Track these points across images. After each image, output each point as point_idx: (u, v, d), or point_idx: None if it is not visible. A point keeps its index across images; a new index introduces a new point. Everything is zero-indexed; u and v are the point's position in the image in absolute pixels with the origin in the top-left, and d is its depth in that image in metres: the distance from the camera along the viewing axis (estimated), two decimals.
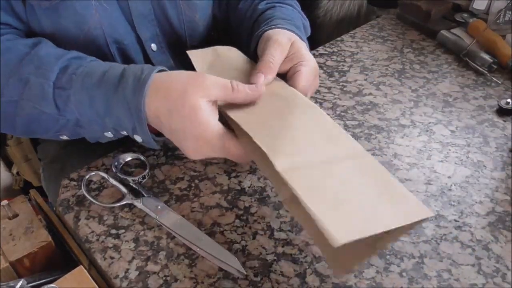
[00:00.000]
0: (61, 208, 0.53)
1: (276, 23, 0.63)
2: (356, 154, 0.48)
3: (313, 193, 0.42)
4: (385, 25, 0.89)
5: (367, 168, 0.47)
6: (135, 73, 0.50)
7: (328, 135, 0.50)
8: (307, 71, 0.57)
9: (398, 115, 0.66)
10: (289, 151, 0.46)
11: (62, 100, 0.50)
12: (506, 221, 0.52)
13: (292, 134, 0.49)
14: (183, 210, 0.52)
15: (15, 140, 1.03)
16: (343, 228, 0.39)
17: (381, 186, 0.45)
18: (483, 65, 0.75)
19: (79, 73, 0.51)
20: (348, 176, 0.45)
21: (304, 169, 0.45)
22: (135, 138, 0.52)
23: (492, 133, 0.63)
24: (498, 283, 0.45)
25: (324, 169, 0.46)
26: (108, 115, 0.50)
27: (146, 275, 0.46)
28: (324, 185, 0.44)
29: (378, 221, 0.41)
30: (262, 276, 0.46)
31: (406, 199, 0.44)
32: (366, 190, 0.44)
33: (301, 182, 0.43)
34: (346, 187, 0.44)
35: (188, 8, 0.68)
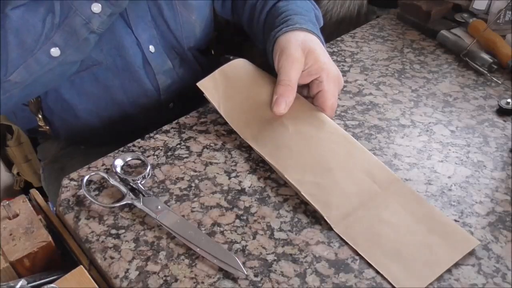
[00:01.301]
0: (61, 208, 0.53)
1: (293, 22, 0.61)
2: (396, 187, 0.53)
3: (374, 249, 0.47)
4: (385, 25, 0.89)
5: (410, 200, 0.51)
6: None
7: (366, 169, 0.54)
8: (330, 87, 0.57)
9: (398, 115, 0.66)
10: (339, 203, 0.51)
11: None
12: (506, 221, 0.51)
13: (336, 179, 0.53)
14: (183, 210, 0.52)
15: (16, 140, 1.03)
16: (411, 282, 0.44)
17: (428, 220, 0.49)
18: (483, 65, 0.75)
19: None
20: (397, 217, 0.50)
21: (357, 221, 0.50)
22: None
23: (492, 133, 0.63)
24: (498, 283, 0.45)
25: (374, 215, 0.50)
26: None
27: (146, 275, 0.46)
28: (379, 234, 0.49)
29: (439, 262, 0.46)
30: (262, 276, 0.46)
31: (453, 229, 0.49)
32: (417, 228, 0.49)
33: (359, 236, 0.48)
34: (400, 231, 0.49)
35: (184, 8, 0.68)
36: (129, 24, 0.63)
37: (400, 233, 0.49)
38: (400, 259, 0.46)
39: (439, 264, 0.46)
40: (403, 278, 0.45)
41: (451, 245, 0.47)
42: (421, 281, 0.44)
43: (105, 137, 0.74)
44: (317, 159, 0.55)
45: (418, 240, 0.48)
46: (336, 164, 0.54)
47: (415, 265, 0.46)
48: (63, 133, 0.78)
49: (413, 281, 0.45)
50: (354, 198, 0.51)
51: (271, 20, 0.65)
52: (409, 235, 0.48)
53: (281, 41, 0.59)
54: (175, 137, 0.62)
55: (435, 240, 0.48)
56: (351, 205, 0.51)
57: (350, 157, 0.55)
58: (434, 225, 0.49)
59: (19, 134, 1.03)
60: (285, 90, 0.56)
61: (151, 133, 0.63)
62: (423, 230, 0.49)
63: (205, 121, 0.65)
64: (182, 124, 0.64)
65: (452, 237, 0.48)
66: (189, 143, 0.61)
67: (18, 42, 0.52)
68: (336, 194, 0.52)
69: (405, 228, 0.49)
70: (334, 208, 0.50)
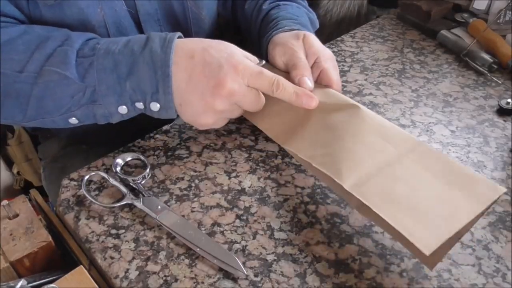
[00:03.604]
0: (61, 208, 0.53)
1: (282, 25, 0.63)
2: (411, 145, 0.50)
3: (388, 205, 0.44)
4: (385, 25, 0.89)
5: (427, 157, 0.48)
6: (160, 35, 0.51)
7: (379, 132, 0.52)
8: (330, 65, 0.59)
9: (398, 115, 0.66)
10: (352, 166, 0.49)
11: (83, 67, 0.50)
12: (506, 221, 0.52)
13: (347, 145, 0.51)
14: (183, 210, 0.52)
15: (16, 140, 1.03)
16: (429, 237, 0.41)
17: (447, 173, 0.46)
18: (483, 65, 0.75)
19: (102, 42, 0.51)
20: (412, 174, 0.47)
21: (371, 181, 0.47)
22: (152, 107, 0.51)
23: (492, 133, 0.63)
24: (498, 283, 0.45)
25: (389, 174, 0.47)
26: (130, 78, 0.50)
27: (146, 275, 0.46)
28: (394, 191, 0.46)
29: (458, 215, 0.42)
30: (262, 276, 0.46)
31: (474, 180, 0.45)
32: (435, 183, 0.46)
33: (374, 196, 0.45)
34: (416, 187, 0.46)
35: (195, 5, 0.68)
36: (137, 21, 0.63)
37: (417, 189, 0.46)
38: (418, 215, 0.43)
39: (459, 218, 0.42)
40: (421, 234, 0.41)
41: (473, 196, 0.44)
42: (439, 235, 0.41)
43: (106, 137, 0.74)
44: (328, 131, 0.53)
45: (436, 195, 0.45)
46: (348, 132, 0.52)
47: (433, 220, 0.43)
48: (64, 131, 0.78)
49: (431, 235, 0.41)
50: (367, 160, 0.49)
51: (264, 28, 0.67)
52: (426, 190, 0.46)
53: (274, 41, 0.61)
54: (175, 137, 0.62)
55: (455, 192, 0.45)
56: (364, 167, 0.49)
57: (362, 123, 0.53)
58: (454, 178, 0.46)
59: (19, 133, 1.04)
60: (304, 70, 0.57)
61: (151, 133, 0.63)
62: (442, 185, 0.46)
63: None
64: (182, 124, 0.64)
65: (474, 188, 0.45)
66: (189, 143, 0.61)
67: (39, 105, 0.51)
68: (349, 159, 0.50)
69: (422, 184, 0.46)
70: (346, 171, 0.48)
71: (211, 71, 0.50)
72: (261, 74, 0.51)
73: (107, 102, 0.51)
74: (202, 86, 0.50)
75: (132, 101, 0.51)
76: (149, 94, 0.50)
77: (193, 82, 0.50)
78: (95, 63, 0.49)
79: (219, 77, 0.49)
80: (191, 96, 0.50)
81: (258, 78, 0.51)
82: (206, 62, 0.50)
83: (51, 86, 0.50)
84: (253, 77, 0.51)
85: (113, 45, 0.51)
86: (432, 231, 0.42)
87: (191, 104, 0.51)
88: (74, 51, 0.50)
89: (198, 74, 0.50)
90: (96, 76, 0.49)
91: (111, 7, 0.59)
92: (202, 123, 0.52)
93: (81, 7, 0.57)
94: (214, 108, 0.50)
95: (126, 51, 0.50)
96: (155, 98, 0.50)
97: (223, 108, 0.51)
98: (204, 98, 0.50)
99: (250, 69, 0.51)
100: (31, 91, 0.50)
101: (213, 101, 0.50)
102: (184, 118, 0.53)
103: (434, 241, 0.40)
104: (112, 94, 0.50)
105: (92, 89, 0.50)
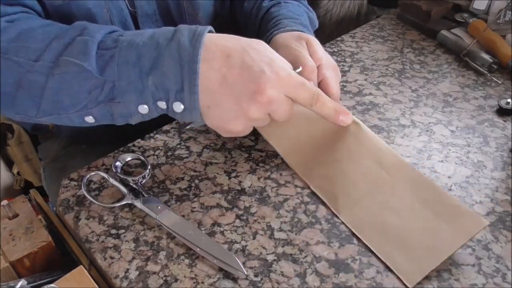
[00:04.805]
0: (61, 208, 0.53)
1: (283, 24, 0.62)
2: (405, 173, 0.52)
3: (378, 236, 0.48)
4: (385, 25, 0.89)
5: (418, 186, 0.51)
6: (190, 27, 0.47)
7: (376, 156, 0.54)
8: (331, 74, 0.57)
9: (398, 115, 0.66)
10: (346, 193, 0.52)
11: (104, 60, 0.45)
12: (506, 221, 0.51)
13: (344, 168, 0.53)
14: (183, 210, 0.52)
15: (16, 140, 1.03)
16: (413, 271, 0.45)
17: (436, 204, 0.49)
18: (483, 65, 0.75)
19: (126, 34, 0.47)
20: (403, 204, 0.50)
21: (362, 209, 0.50)
22: (175, 108, 0.46)
23: (492, 133, 0.63)
24: (498, 283, 0.45)
25: (380, 203, 0.51)
26: (153, 72, 0.45)
27: (146, 275, 0.46)
28: (384, 221, 0.49)
29: (442, 248, 0.46)
30: (262, 276, 0.46)
31: (461, 212, 0.48)
32: (424, 214, 0.49)
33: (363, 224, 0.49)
34: (405, 218, 0.49)
35: (191, 7, 0.68)
36: (136, 21, 0.64)
37: (406, 220, 0.48)
38: (404, 246, 0.46)
39: (443, 250, 0.46)
40: (406, 266, 0.45)
41: (458, 228, 0.46)
42: (422, 268, 0.45)
43: (106, 137, 0.74)
44: (326, 150, 0.55)
45: (423, 226, 0.48)
46: (345, 153, 0.54)
47: (418, 252, 0.46)
48: (65, 130, 0.78)
49: (415, 269, 0.45)
50: (361, 187, 0.52)
51: (264, 26, 0.66)
52: (415, 221, 0.48)
53: (276, 41, 0.60)
54: (175, 137, 0.62)
55: (441, 224, 0.47)
56: (357, 194, 0.51)
57: (359, 144, 0.54)
58: (441, 208, 0.48)
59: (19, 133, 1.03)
60: (311, 72, 0.54)
61: (151, 133, 0.63)
62: (429, 215, 0.48)
63: None
64: (182, 124, 0.64)
65: (459, 220, 0.47)
66: (189, 143, 0.61)
67: (54, 100, 0.47)
68: (343, 184, 0.52)
69: (411, 214, 0.49)
70: (340, 197, 0.51)
71: (251, 74, 0.45)
72: (304, 85, 0.48)
73: (127, 99, 0.46)
74: (239, 90, 0.45)
75: (155, 99, 0.46)
76: (173, 92, 0.45)
77: (228, 84, 0.45)
78: (116, 56, 0.45)
79: (260, 83, 0.45)
80: (224, 98, 0.46)
81: (300, 89, 0.48)
82: (246, 65, 0.45)
83: (68, 78, 0.46)
84: (295, 88, 0.47)
85: (138, 37, 0.46)
86: (417, 265, 0.45)
87: (222, 107, 0.46)
88: (96, 41, 0.46)
89: (236, 76, 0.45)
90: (116, 70, 0.45)
91: (117, 7, 0.59)
92: (230, 129, 0.48)
93: (89, 7, 0.57)
94: (249, 115, 0.46)
95: (151, 43, 0.45)
96: (179, 97, 0.46)
97: (258, 116, 0.47)
98: (240, 102, 0.46)
99: (293, 79, 0.47)
100: (46, 83, 0.46)
101: (249, 107, 0.46)
102: (209, 122, 0.49)
103: (417, 275, 0.45)
104: (133, 90, 0.46)
105: (111, 85, 0.46)
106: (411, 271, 0.45)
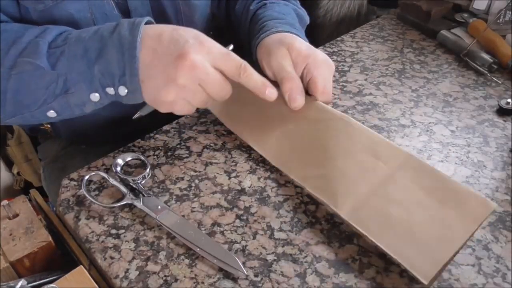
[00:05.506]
0: (61, 208, 0.53)
1: (269, 27, 0.62)
2: (402, 160, 0.50)
3: (385, 232, 0.46)
4: (385, 25, 0.89)
5: (418, 172, 0.49)
6: (129, 20, 0.51)
7: (369, 149, 0.52)
8: (319, 72, 0.56)
9: (398, 115, 0.66)
10: (345, 190, 0.50)
11: (55, 56, 0.49)
12: (506, 221, 0.51)
13: (339, 165, 0.52)
14: (183, 210, 0.52)
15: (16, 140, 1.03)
16: (426, 264, 0.42)
17: (439, 190, 0.47)
18: (483, 65, 0.75)
19: (74, 32, 0.51)
20: (405, 193, 0.48)
21: (365, 205, 0.48)
22: (120, 91, 0.50)
23: (492, 133, 0.63)
24: (498, 283, 0.45)
25: (382, 195, 0.48)
26: (98, 61, 0.49)
27: (146, 275, 0.46)
28: (389, 215, 0.47)
29: (453, 236, 0.44)
30: (262, 276, 0.46)
31: (465, 195, 0.46)
32: (428, 202, 0.47)
33: (370, 223, 0.47)
34: (410, 208, 0.47)
35: (188, 8, 0.68)
36: None
37: (411, 211, 0.46)
38: (414, 240, 0.44)
39: (454, 239, 0.44)
40: (418, 261, 0.43)
41: (466, 214, 0.44)
42: (436, 261, 0.42)
43: (106, 137, 0.74)
44: (318, 150, 0.54)
45: (430, 216, 0.45)
46: (338, 150, 0.53)
47: (429, 244, 0.44)
48: (64, 132, 0.78)
49: (428, 262, 0.43)
50: (360, 183, 0.50)
51: (252, 29, 0.66)
52: (420, 211, 0.46)
53: (262, 47, 0.60)
54: (175, 137, 0.62)
55: (448, 212, 0.45)
56: (358, 191, 0.49)
57: (351, 140, 0.53)
58: (446, 195, 0.46)
59: (19, 133, 1.04)
60: (292, 84, 0.55)
61: (151, 133, 0.63)
62: (435, 203, 0.46)
63: (205, 121, 0.65)
64: (182, 124, 0.64)
65: (466, 205, 0.45)
66: (189, 143, 0.61)
67: (15, 101, 0.51)
68: (342, 182, 0.50)
69: (416, 205, 0.47)
70: (341, 197, 0.49)
71: (177, 44, 0.48)
72: (229, 55, 0.50)
73: (79, 89, 0.50)
74: (166, 60, 0.48)
75: (103, 86, 0.50)
76: (117, 77, 0.49)
77: (157, 57, 0.49)
78: (66, 51, 0.49)
79: (184, 49, 0.48)
80: (153, 69, 0.49)
81: (225, 58, 0.50)
82: (173, 39, 0.49)
83: (25, 77, 0.50)
84: (219, 57, 0.50)
85: (84, 33, 0.50)
86: (429, 257, 0.43)
87: (153, 77, 0.49)
88: (46, 42, 0.50)
89: (164, 49, 0.49)
90: (67, 63, 0.49)
91: (101, 11, 0.59)
92: (163, 99, 0.50)
93: (71, 12, 0.56)
94: (176, 81, 0.48)
95: (96, 37, 0.50)
96: (122, 81, 0.49)
97: (185, 82, 0.48)
98: (166, 70, 0.48)
99: (217, 48, 0.50)
100: (7, 86, 0.50)
101: (175, 72, 0.48)
102: (146, 97, 0.51)
103: (432, 269, 0.42)
104: (83, 80, 0.49)
105: (64, 78, 0.49)
106: (425, 265, 0.42)
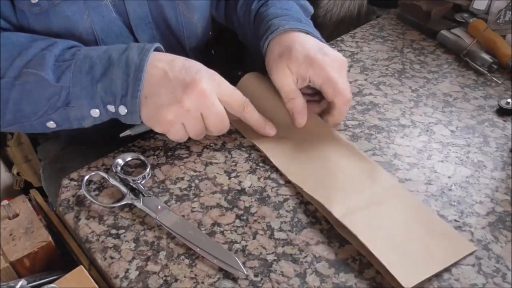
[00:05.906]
0: (61, 208, 0.53)
1: (275, 26, 0.61)
2: (396, 193, 0.54)
3: (374, 238, 0.48)
4: (385, 25, 0.89)
5: (407, 204, 0.52)
6: (139, 45, 0.53)
7: (366, 173, 0.56)
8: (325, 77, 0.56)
9: (398, 115, 0.66)
10: (341, 198, 0.52)
11: (61, 70, 0.51)
12: (506, 221, 0.51)
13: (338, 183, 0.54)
14: (183, 210, 0.52)
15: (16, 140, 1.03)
16: (408, 273, 0.45)
17: (427, 224, 0.50)
18: (483, 65, 0.75)
19: (84, 49, 0.53)
20: (397, 216, 0.51)
21: (358, 213, 0.50)
22: (120, 111, 0.52)
23: (492, 133, 0.63)
24: (498, 283, 0.45)
25: (375, 211, 0.51)
26: (102, 79, 0.51)
27: (146, 275, 0.46)
28: (380, 227, 0.50)
29: (435, 261, 0.47)
30: (262, 276, 0.46)
31: (451, 235, 0.49)
32: (415, 229, 0.50)
33: (361, 227, 0.49)
34: (400, 228, 0.50)
35: (187, 9, 0.67)
36: (129, 25, 0.63)
37: (401, 229, 0.49)
38: (400, 251, 0.47)
39: (435, 263, 0.46)
40: (402, 269, 0.45)
41: (448, 247, 0.48)
42: (416, 276, 0.45)
43: (106, 137, 0.74)
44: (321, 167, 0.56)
45: (417, 238, 0.49)
46: (339, 170, 0.56)
47: (413, 259, 0.46)
48: (64, 132, 0.77)
49: (411, 272, 0.45)
50: (356, 196, 0.52)
51: (257, 30, 0.66)
52: (409, 232, 0.49)
53: (268, 55, 0.61)
54: None
55: (433, 241, 0.48)
56: (353, 201, 0.52)
57: (353, 165, 0.57)
58: (432, 228, 0.50)
59: (19, 134, 1.04)
60: (293, 104, 0.58)
61: (151, 133, 0.63)
62: (421, 231, 0.49)
63: None
64: None
65: (449, 241, 0.49)
66: (189, 143, 0.61)
67: (16, 110, 0.52)
68: (339, 191, 0.53)
69: (405, 226, 0.50)
70: (338, 202, 0.51)
71: (189, 71, 0.51)
72: (235, 91, 0.54)
73: (80, 104, 0.51)
74: (176, 82, 0.51)
75: (104, 103, 0.52)
76: (118, 96, 0.51)
77: (167, 78, 0.51)
78: (72, 66, 0.51)
79: (196, 76, 0.51)
80: (161, 88, 0.51)
81: (231, 93, 0.54)
82: (185, 66, 0.52)
83: (28, 88, 0.51)
84: (226, 91, 0.53)
85: (93, 51, 0.52)
86: (412, 270, 0.45)
87: (158, 95, 0.51)
88: (53, 55, 0.51)
89: (175, 73, 0.51)
90: (71, 78, 0.50)
91: (99, 14, 0.59)
92: (162, 117, 0.51)
93: (67, 15, 0.56)
94: (181, 103, 0.50)
95: (104, 56, 0.52)
96: (123, 101, 0.51)
97: (189, 106, 0.50)
98: (175, 91, 0.50)
99: (226, 83, 0.54)
100: (9, 95, 0.51)
101: (183, 95, 0.50)
102: (145, 111, 0.52)
103: (414, 278, 0.45)
104: (85, 96, 0.51)
105: (67, 91, 0.51)
106: (407, 273, 0.45)
